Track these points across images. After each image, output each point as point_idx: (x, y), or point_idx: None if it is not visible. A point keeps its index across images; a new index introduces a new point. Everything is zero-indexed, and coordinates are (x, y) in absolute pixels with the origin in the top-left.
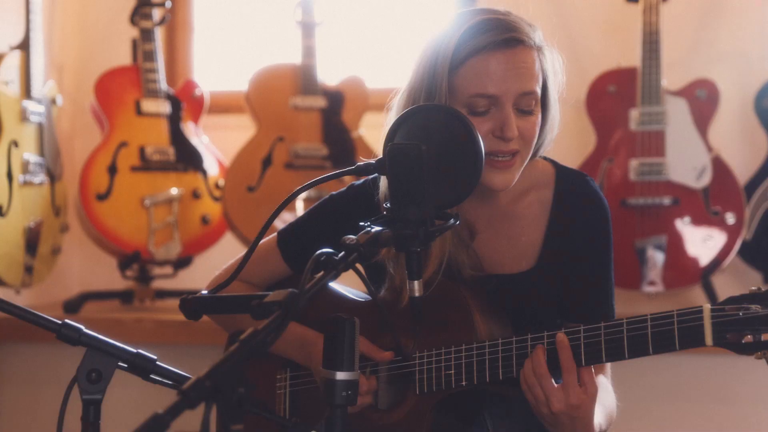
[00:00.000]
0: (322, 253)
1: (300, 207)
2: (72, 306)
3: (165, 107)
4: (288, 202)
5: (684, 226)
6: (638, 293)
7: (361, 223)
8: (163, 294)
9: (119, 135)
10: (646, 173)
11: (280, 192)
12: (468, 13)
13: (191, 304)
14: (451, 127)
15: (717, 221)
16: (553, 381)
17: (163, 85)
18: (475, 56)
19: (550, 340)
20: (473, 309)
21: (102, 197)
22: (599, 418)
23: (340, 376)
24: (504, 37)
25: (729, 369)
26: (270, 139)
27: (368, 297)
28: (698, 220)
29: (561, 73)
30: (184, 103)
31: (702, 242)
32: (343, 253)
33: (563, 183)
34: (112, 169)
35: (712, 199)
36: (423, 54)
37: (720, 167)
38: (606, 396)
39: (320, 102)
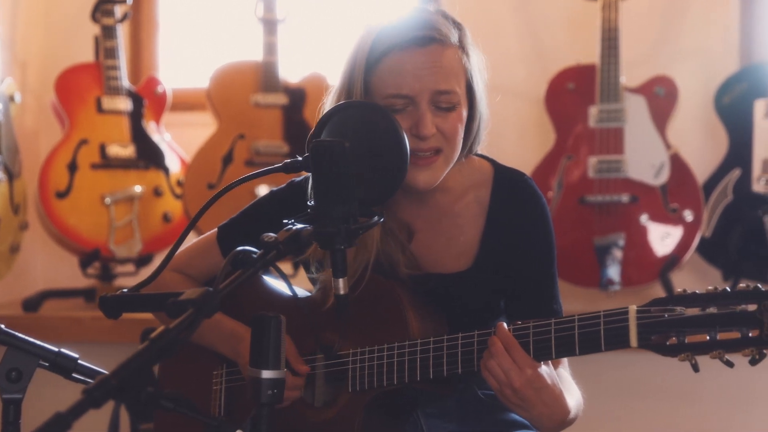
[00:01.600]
0: (240, 251)
1: None
2: (31, 304)
3: (126, 104)
4: (214, 201)
5: (642, 224)
6: (597, 291)
7: (284, 221)
8: None
9: (80, 132)
10: (604, 170)
11: (240, 190)
12: (390, 13)
13: (110, 302)
14: (376, 124)
15: (675, 218)
16: (509, 358)
17: (124, 82)
18: (388, 55)
19: (480, 338)
20: (406, 307)
21: (62, 195)
22: (571, 401)
23: (266, 374)
24: (416, 35)
25: (689, 367)
26: (231, 136)
27: (307, 293)
28: (656, 217)
29: (484, 70)
30: (146, 100)
31: (660, 239)
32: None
33: (501, 182)
34: (72, 167)
35: (671, 197)
36: (348, 54)
37: (678, 164)
38: (570, 386)
39: (282, 99)
